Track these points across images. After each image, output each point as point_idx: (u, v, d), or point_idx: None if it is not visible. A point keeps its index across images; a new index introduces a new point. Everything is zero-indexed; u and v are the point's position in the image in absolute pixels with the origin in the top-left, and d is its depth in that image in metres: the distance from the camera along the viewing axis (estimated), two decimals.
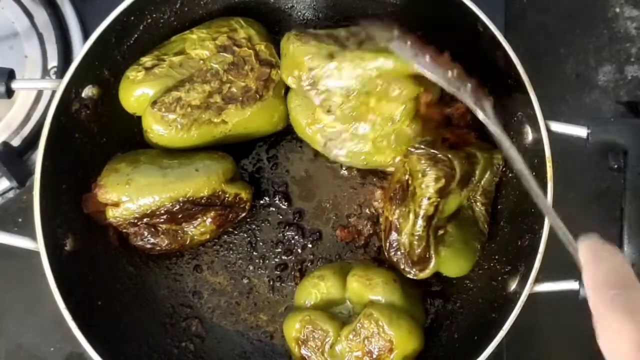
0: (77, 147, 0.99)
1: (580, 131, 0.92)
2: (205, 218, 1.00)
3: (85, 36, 1.17)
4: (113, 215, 0.96)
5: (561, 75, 1.17)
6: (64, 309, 0.89)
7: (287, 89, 1.03)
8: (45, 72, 1.16)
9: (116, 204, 0.96)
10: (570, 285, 0.90)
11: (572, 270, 0.89)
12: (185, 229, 1.01)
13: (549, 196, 0.90)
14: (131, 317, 1.02)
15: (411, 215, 0.93)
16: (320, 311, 0.96)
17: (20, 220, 1.12)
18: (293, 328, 0.96)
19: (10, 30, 1.17)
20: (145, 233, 0.99)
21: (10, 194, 1.14)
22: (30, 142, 1.14)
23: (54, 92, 0.95)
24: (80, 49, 0.97)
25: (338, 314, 0.98)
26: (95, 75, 0.99)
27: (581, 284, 0.89)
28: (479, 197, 0.99)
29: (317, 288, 0.98)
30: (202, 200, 0.98)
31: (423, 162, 0.93)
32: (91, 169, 1.01)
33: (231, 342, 1.05)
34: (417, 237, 0.93)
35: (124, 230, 0.99)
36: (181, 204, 0.96)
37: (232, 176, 1.00)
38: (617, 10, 1.19)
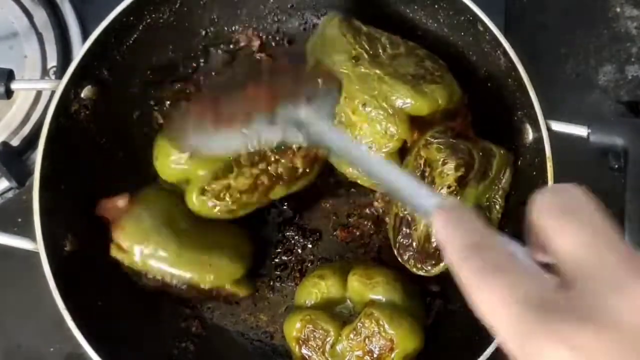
0: (76, 148, 0.99)
1: (581, 131, 0.92)
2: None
3: (85, 36, 1.17)
4: (116, 254, 0.96)
5: (561, 75, 1.18)
6: (63, 310, 0.89)
7: None
8: (44, 72, 1.16)
9: (124, 250, 0.96)
10: None
11: None
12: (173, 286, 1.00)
13: None
14: (131, 317, 1.02)
15: None
16: (321, 311, 0.96)
17: (19, 220, 1.11)
18: (293, 328, 0.96)
19: (9, 30, 1.17)
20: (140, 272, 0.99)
21: (10, 194, 1.14)
22: (30, 142, 1.14)
23: (53, 93, 0.95)
24: (79, 49, 0.97)
25: (339, 313, 0.98)
26: (95, 76, 0.99)
27: None
28: (498, 199, 0.98)
29: (318, 287, 0.98)
30: (200, 288, 0.97)
31: (443, 150, 0.92)
32: (90, 170, 1.01)
33: (231, 343, 1.05)
34: None
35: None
36: (178, 282, 0.97)
37: (241, 277, 1.00)
38: (618, 10, 1.19)
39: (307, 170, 0.99)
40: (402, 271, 1.00)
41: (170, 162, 0.97)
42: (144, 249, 0.95)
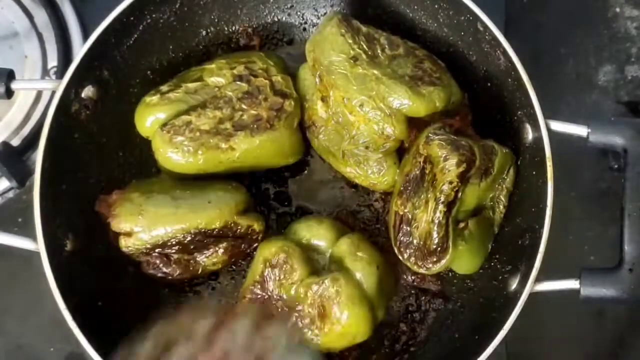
0: (77, 148, 0.99)
1: (581, 130, 0.92)
2: (217, 248, 1.00)
3: (85, 36, 1.18)
4: (126, 245, 0.97)
5: (561, 75, 1.18)
6: (64, 309, 0.90)
7: (300, 122, 1.03)
8: (45, 72, 1.16)
9: (129, 234, 0.97)
10: (571, 284, 0.90)
11: (573, 270, 0.90)
12: (197, 259, 1.01)
13: (549, 196, 0.90)
14: (132, 317, 1.00)
15: (430, 203, 0.93)
16: (301, 249, 0.97)
17: (20, 220, 1.12)
18: (269, 250, 0.97)
19: (10, 30, 1.17)
20: (158, 262, 0.99)
21: (10, 194, 1.15)
22: (30, 142, 1.15)
23: (53, 93, 0.95)
24: (80, 49, 0.97)
25: (314, 260, 0.98)
26: (95, 76, 0.99)
27: (582, 283, 0.89)
28: (502, 199, 0.99)
29: (310, 230, 1.00)
30: (214, 232, 0.98)
31: (445, 147, 0.93)
32: (91, 169, 1.01)
33: None
34: (436, 224, 0.92)
35: (136, 259, 0.99)
36: (193, 236, 0.97)
37: (245, 208, 1.00)
38: (617, 10, 1.20)
39: (273, 122, 0.99)
40: (395, 270, 1.01)
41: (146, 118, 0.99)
42: (144, 220, 0.96)
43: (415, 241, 0.94)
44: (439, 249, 0.93)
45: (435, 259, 0.93)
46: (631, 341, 1.12)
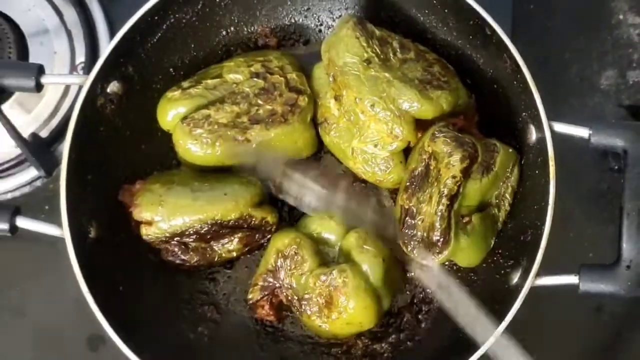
0: (102, 140, 1.01)
1: (583, 132, 0.93)
2: (233, 238, 1.03)
3: (112, 34, 1.20)
4: (146, 233, 1.00)
5: (565, 78, 1.19)
6: (86, 293, 0.91)
7: (314, 117, 1.05)
8: (73, 68, 1.18)
9: (149, 223, 0.99)
10: (570, 279, 0.92)
11: (572, 266, 0.91)
12: (213, 247, 1.04)
13: (551, 195, 0.92)
14: (150, 302, 1.04)
15: (434, 197, 0.95)
16: (312, 241, 1.00)
17: (47, 207, 1.14)
18: (281, 241, 1.00)
19: (40, 27, 1.20)
20: (176, 249, 1.02)
21: (38, 183, 1.18)
22: (58, 133, 1.17)
23: (80, 87, 0.97)
24: (106, 46, 0.99)
25: (324, 253, 1.01)
26: (121, 72, 1.01)
27: (581, 278, 0.91)
28: (507, 197, 1.01)
29: (322, 224, 1.03)
30: (230, 223, 1.00)
31: (449, 143, 0.95)
32: (115, 161, 1.03)
33: (245, 328, 1.07)
34: (439, 217, 0.94)
35: (156, 247, 1.02)
36: (209, 226, 1.00)
37: (260, 200, 1.03)
38: (621, 17, 1.21)
39: (287, 117, 1.02)
40: (402, 262, 1.04)
41: (168, 112, 1.02)
42: (164, 210, 0.99)
43: (419, 233, 0.96)
44: (441, 240, 0.95)
45: (437, 251, 0.95)
46: (628, 335, 1.13)
